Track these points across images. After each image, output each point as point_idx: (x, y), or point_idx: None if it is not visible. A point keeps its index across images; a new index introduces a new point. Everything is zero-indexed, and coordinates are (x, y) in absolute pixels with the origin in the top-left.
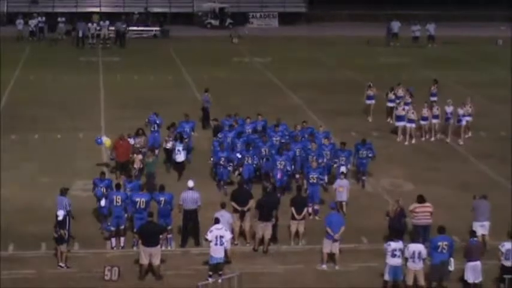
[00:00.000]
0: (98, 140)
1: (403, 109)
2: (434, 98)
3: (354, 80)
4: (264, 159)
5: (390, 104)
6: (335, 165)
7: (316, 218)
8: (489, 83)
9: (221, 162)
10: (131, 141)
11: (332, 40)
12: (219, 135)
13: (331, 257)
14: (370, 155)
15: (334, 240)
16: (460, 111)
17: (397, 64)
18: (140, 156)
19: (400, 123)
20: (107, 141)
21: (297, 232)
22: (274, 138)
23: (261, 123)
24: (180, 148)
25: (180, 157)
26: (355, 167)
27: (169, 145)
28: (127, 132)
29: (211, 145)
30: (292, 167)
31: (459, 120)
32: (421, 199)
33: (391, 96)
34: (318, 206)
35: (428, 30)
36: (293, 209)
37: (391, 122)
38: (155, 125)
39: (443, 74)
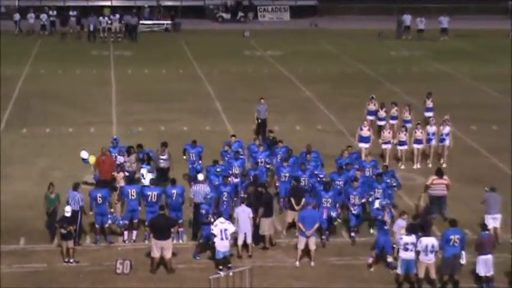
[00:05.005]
0: (85, 160)
1: (388, 132)
2: (430, 114)
3: (366, 74)
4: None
5: (380, 123)
6: (370, 199)
7: (392, 271)
8: (501, 76)
9: (224, 198)
10: (121, 159)
11: (343, 33)
12: (218, 168)
13: (307, 252)
14: (394, 184)
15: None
16: (444, 130)
17: (408, 57)
18: (122, 174)
19: (362, 145)
20: (91, 158)
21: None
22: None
23: (282, 150)
24: (145, 172)
25: (146, 181)
26: None
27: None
28: (136, 127)
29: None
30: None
31: (442, 140)
32: (439, 173)
33: (382, 114)
34: (391, 258)
35: (442, 23)
36: (292, 200)
37: (380, 142)
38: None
39: (454, 67)
